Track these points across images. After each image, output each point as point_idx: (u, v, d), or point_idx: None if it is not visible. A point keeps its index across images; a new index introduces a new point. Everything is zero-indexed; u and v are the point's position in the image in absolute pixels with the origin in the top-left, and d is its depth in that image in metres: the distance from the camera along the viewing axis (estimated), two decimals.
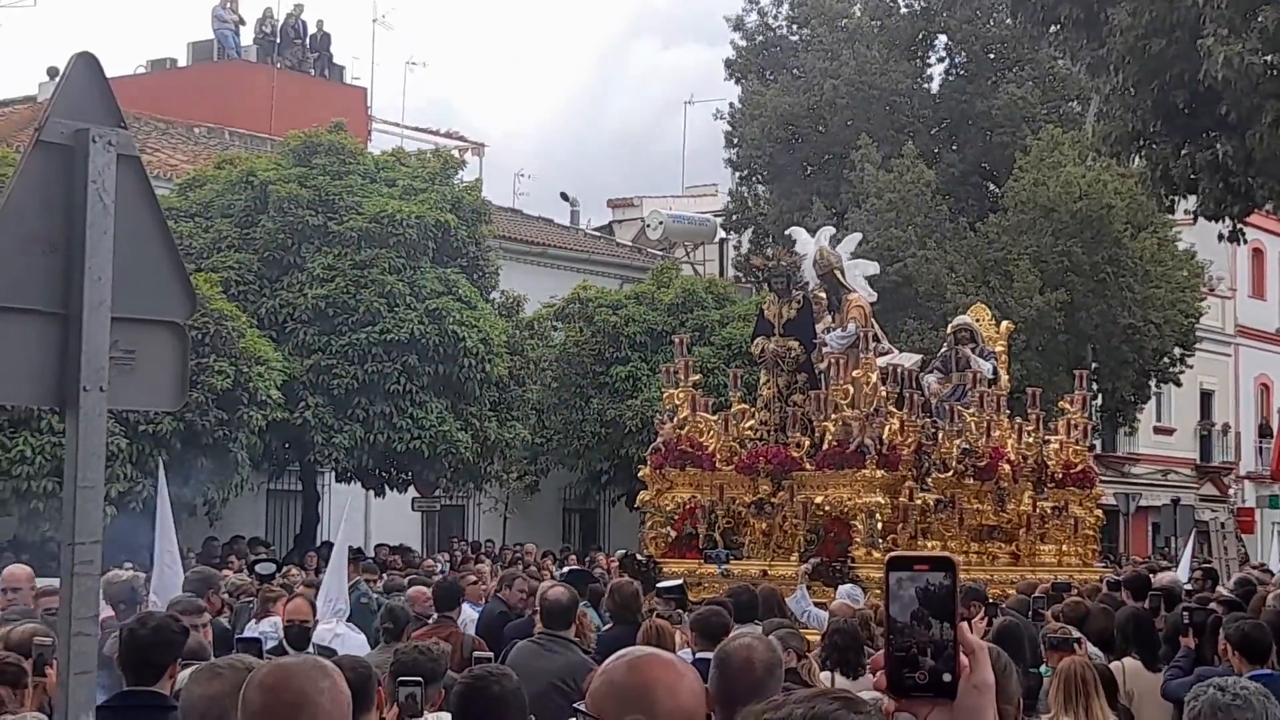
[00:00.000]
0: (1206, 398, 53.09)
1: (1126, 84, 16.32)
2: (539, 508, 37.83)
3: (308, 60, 43.24)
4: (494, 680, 5.65)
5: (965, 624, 2.49)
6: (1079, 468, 21.46)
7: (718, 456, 18.71)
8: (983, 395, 19.93)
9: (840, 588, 15.36)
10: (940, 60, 41.85)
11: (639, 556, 19.12)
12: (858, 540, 17.49)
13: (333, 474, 30.23)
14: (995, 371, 21.05)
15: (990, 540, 19.70)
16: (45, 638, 7.77)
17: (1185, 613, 11.21)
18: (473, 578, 17.38)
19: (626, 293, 37.15)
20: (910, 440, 18.27)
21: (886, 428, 17.91)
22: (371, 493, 31.34)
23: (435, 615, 12.79)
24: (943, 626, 2.45)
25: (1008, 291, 34.65)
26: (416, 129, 44.91)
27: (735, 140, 41.66)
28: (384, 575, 21.88)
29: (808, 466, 18.09)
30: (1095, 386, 39.11)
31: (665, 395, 19.70)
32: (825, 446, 18.07)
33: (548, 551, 32.10)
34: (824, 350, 18.90)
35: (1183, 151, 16.53)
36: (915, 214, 35.44)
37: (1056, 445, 21.38)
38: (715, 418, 19.17)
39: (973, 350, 20.80)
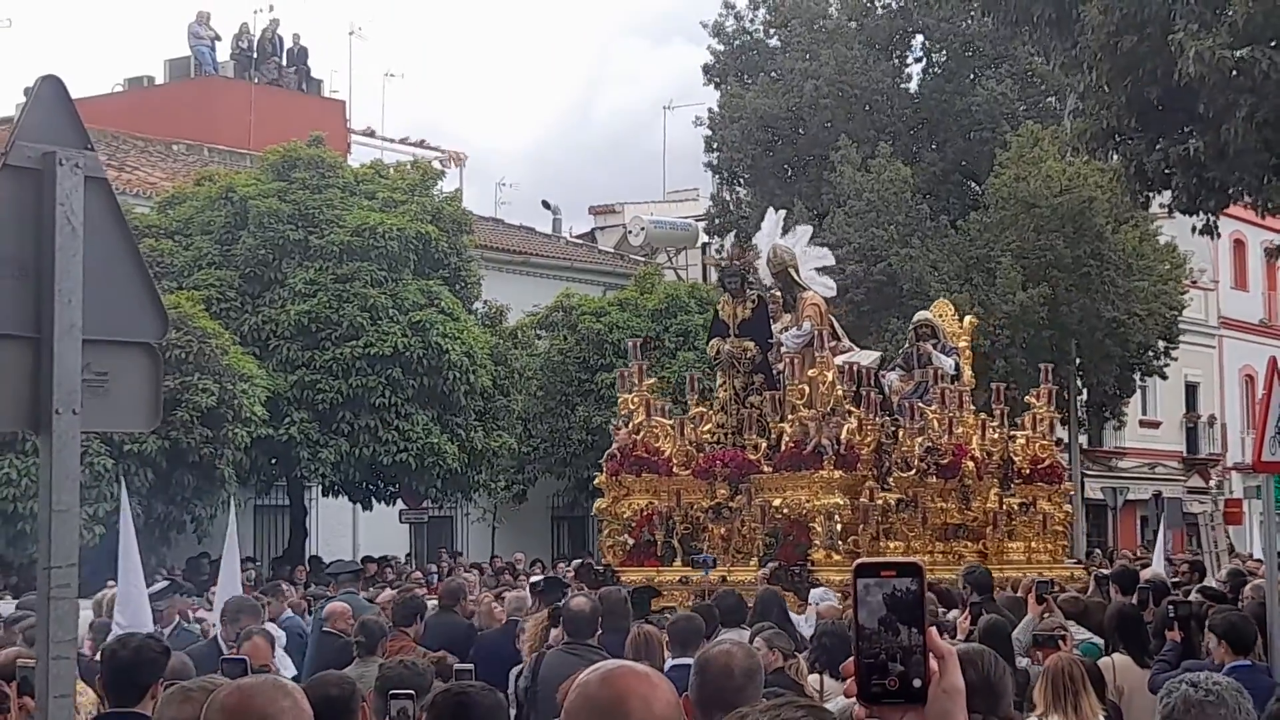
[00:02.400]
0: (1191, 390, 53.18)
1: (1100, 81, 16.31)
2: (527, 517, 37.82)
3: (285, 75, 43.20)
4: (478, 692, 5.64)
5: (934, 629, 2.48)
6: (1046, 463, 21.03)
7: (674, 461, 18.38)
8: (944, 392, 19.48)
9: (813, 591, 15.16)
10: (918, 60, 41.93)
11: (596, 566, 18.83)
12: (817, 543, 17.19)
13: (320, 488, 30.20)
14: (958, 367, 20.57)
15: (956, 539, 19.31)
16: (30, 659, 7.75)
17: (1170, 606, 11.22)
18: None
19: (610, 299, 37.20)
20: (869, 439, 17.94)
21: (844, 427, 17.57)
22: (359, 505, 31.34)
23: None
24: (911, 632, 2.44)
25: (991, 288, 34.69)
26: (396, 140, 44.92)
27: (715, 144, 41.67)
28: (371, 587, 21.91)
29: (765, 469, 17.79)
30: (1080, 381, 39.17)
31: (620, 400, 19.30)
32: (782, 448, 17.75)
33: (536, 559, 32.11)
34: (781, 350, 18.59)
35: (1157, 147, 16.52)
36: (895, 213, 35.48)
37: (1023, 440, 20.92)
38: (671, 422, 18.81)
39: (934, 346, 20.40)
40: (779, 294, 19.40)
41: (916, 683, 2.44)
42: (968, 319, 22.65)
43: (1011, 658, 9.97)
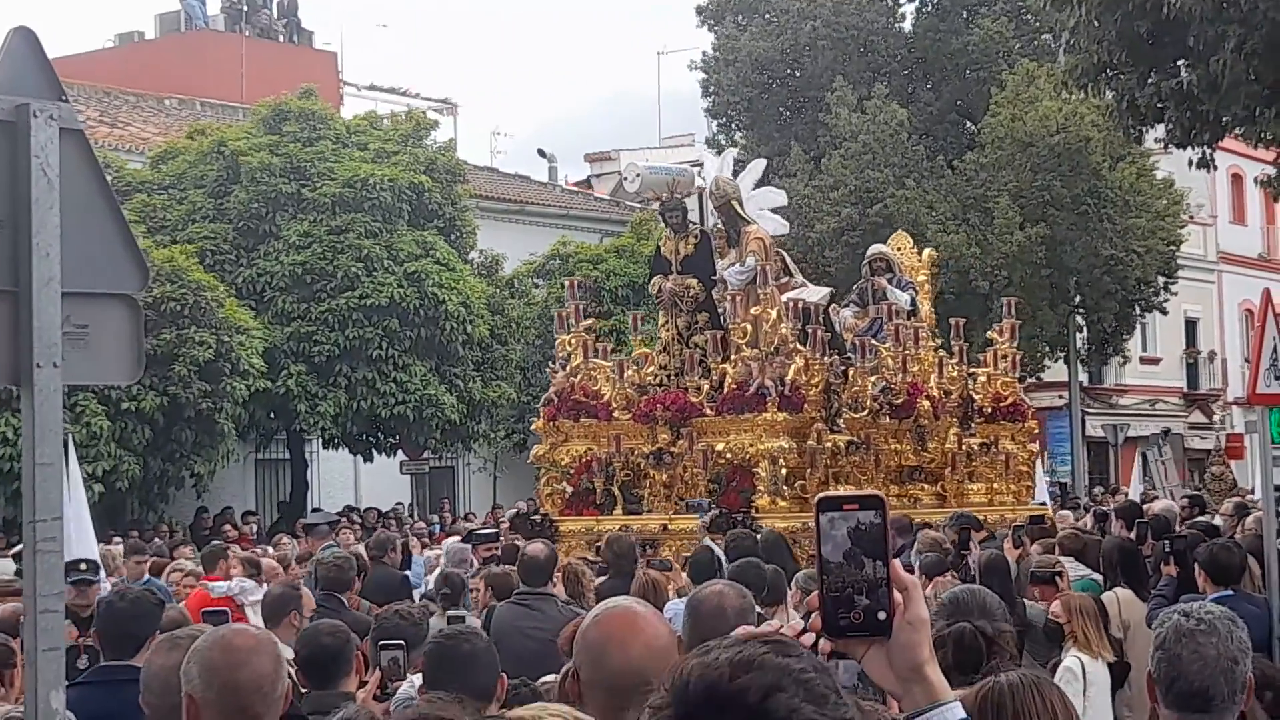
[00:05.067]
0: (1191, 326, 53.15)
1: (1089, 16, 16.20)
2: (529, 466, 37.74)
3: (276, 27, 43.06)
4: (464, 639, 5.66)
5: (897, 560, 2.48)
6: (1009, 400, 19.82)
7: (613, 405, 17.54)
8: (899, 328, 18.34)
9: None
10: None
11: (533, 515, 18.00)
12: (761, 488, 16.42)
13: (319, 441, 30.24)
14: (914, 302, 19.57)
15: (912, 482, 18.33)
16: None
17: (1167, 541, 11.27)
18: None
19: (606, 247, 37.14)
20: (816, 380, 16.97)
21: (789, 367, 16.72)
22: (360, 458, 31.37)
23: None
24: (875, 565, 2.45)
25: (988, 228, 34.66)
26: (389, 91, 44.77)
27: (711, 88, 41.49)
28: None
29: (708, 412, 16.98)
30: (1080, 319, 39.16)
31: (558, 342, 18.43)
32: (725, 390, 16.98)
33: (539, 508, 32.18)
34: (726, 288, 17.79)
35: (1149, 81, 16.44)
36: (891, 154, 35.39)
37: (984, 378, 19.85)
38: (610, 364, 17.94)
39: (890, 281, 19.41)
40: (723, 229, 18.57)
41: (881, 615, 2.44)
42: (927, 252, 21.85)
43: (1010, 594, 10.00)
